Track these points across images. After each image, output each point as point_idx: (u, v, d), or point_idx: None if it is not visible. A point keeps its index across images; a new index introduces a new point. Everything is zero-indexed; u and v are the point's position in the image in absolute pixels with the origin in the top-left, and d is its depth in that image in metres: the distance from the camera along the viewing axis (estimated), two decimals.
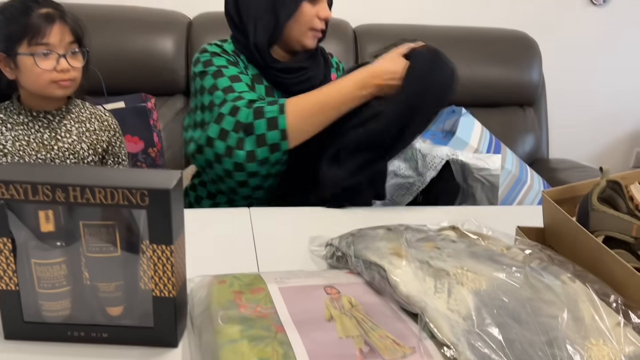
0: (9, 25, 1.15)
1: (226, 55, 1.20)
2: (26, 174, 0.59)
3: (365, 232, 0.83)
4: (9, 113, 1.23)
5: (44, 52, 1.15)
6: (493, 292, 0.68)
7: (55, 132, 1.25)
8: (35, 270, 0.62)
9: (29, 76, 1.17)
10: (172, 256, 0.61)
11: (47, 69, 1.16)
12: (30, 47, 1.15)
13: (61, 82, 1.18)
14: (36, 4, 1.16)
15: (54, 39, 1.16)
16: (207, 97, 1.15)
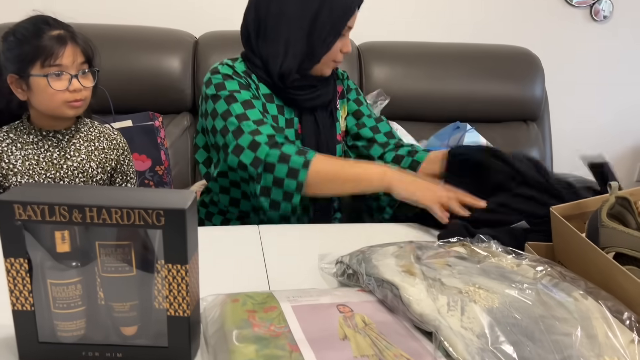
0: (21, 46, 1.17)
1: (238, 78, 1.21)
2: (43, 194, 0.60)
3: (375, 249, 0.83)
4: (19, 132, 1.24)
5: (57, 73, 1.17)
6: (506, 310, 0.68)
7: (65, 151, 1.26)
8: (51, 290, 0.62)
9: (41, 97, 1.18)
10: (187, 275, 0.61)
11: (60, 90, 1.17)
12: (43, 68, 1.16)
13: (73, 103, 1.20)
14: (47, 26, 1.18)
15: (67, 60, 1.17)
16: (220, 122, 1.16)
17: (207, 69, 1.84)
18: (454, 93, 1.98)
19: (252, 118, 1.15)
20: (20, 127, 1.25)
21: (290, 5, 1.18)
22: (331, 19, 1.18)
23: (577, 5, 2.34)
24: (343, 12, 1.18)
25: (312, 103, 1.27)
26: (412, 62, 2.00)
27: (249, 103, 1.17)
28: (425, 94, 1.96)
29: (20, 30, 1.18)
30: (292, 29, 1.18)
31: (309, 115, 1.28)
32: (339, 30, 1.20)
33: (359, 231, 1.14)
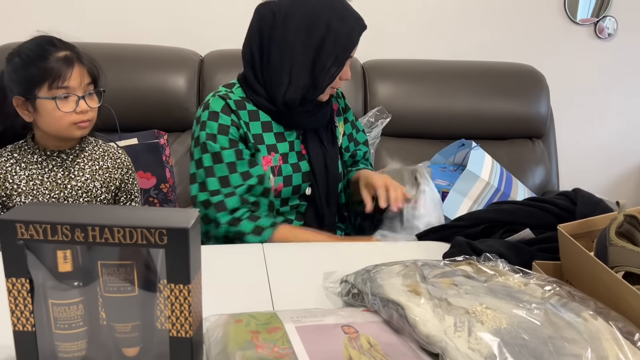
0: (27, 68, 1.16)
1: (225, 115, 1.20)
2: (45, 213, 0.60)
3: (380, 269, 0.82)
4: (23, 152, 1.24)
5: (64, 95, 1.17)
6: (514, 331, 0.67)
7: (69, 170, 1.26)
8: (53, 310, 0.61)
9: (48, 119, 1.18)
10: (190, 295, 0.60)
11: (68, 112, 1.17)
12: (50, 90, 1.16)
13: (80, 124, 1.20)
14: (52, 47, 1.18)
15: (74, 82, 1.17)
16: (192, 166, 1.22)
17: (212, 88, 1.87)
18: (459, 111, 1.98)
19: (217, 175, 1.18)
20: (25, 146, 1.25)
21: (294, 33, 1.17)
22: (335, 49, 1.17)
23: (581, 23, 2.35)
24: (346, 43, 1.18)
25: (315, 124, 1.28)
26: (417, 79, 2.01)
27: (218, 156, 1.18)
28: (430, 111, 1.96)
29: (25, 52, 1.18)
30: (297, 58, 1.17)
31: (313, 134, 1.28)
32: (342, 61, 1.19)
33: (364, 249, 1.13)
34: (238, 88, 1.26)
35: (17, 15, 2.05)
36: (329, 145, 1.29)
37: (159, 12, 2.09)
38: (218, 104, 1.21)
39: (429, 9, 2.23)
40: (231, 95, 1.23)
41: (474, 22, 2.27)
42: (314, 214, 1.29)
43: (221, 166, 1.18)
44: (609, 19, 2.36)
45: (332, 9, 1.16)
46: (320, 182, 1.28)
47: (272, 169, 1.23)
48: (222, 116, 1.20)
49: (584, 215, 1.03)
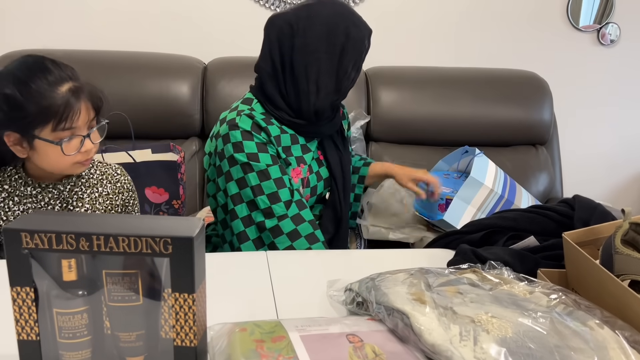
0: (25, 106, 0.99)
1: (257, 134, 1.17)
2: (50, 223, 0.60)
3: (385, 277, 0.82)
4: (14, 184, 1.10)
5: (69, 136, 1.03)
6: (519, 340, 0.67)
7: (67, 202, 1.14)
8: (57, 319, 0.61)
9: (48, 159, 1.05)
10: (194, 305, 0.60)
11: (73, 154, 1.05)
12: (55, 132, 1.02)
13: (84, 162, 1.09)
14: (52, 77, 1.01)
15: (81, 122, 1.04)
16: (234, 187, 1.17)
17: (215, 95, 1.88)
18: (462, 117, 1.98)
19: (266, 192, 1.15)
20: (15, 176, 1.11)
21: (316, 41, 1.16)
22: (354, 54, 1.20)
23: (584, 30, 2.35)
24: (361, 47, 1.21)
25: (331, 130, 1.30)
26: (420, 86, 2.01)
27: (265, 173, 1.16)
28: (433, 118, 1.96)
29: (21, 83, 1.00)
30: (322, 66, 1.17)
31: (328, 140, 1.31)
32: (359, 65, 1.23)
33: (368, 256, 1.13)
34: (257, 104, 1.23)
35: (20, 25, 2.06)
36: (344, 150, 1.32)
37: (162, 20, 2.10)
38: (247, 123, 1.18)
39: (432, 15, 2.24)
40: (254, 114, 1.20)
41: (477, 28, 2.27)
42: (332, 216, 1.29)
43: (269, 183, 1.16)
44: (612, 26, 2.36)
45: (347, 17, 1.19)
46: (340, 185, 1.30)
47: (302, 180, 1.24)
48: (255, 135, 1.17)
49: (583, 220, 1.03)
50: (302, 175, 1.24)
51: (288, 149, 1.23)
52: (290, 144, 1.24)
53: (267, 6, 2.12)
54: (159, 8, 2.08)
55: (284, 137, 1.22)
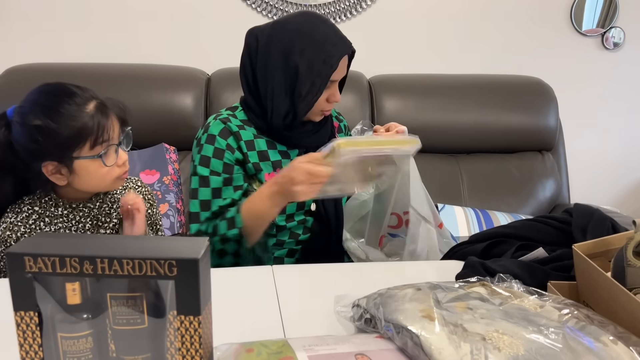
0: (58, 134, 1.02)
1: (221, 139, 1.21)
2: (54, 246, 0.59)
3: (393, 293, 0.81)
4: (44, 206, 1.12)
5: (106, 150, 1.07)
6: (532, 358, 0.65)
7: (97, 219, 1.17)
8: (62, 344, 0.60)
9: (89, 178, 1.08)
10: (200, 327, 0.59)
11: (111, 165, 1.08)
12: (94, 148, 1.05)
13: (123, 176, 1.12)
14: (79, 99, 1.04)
15: (114, 133, 1.08)
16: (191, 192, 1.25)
17: (219, 105, 1.88)
18: (467, 124, 1.97)
19: (200, 197, 1.21)
20: (45, 198, 1.13)
21: (273, 60, 1.18)
22: (311, 76, 1.17)
23: (588, 34, 2.34)
24: (323, 69, 1.17)
25: (315, 142, 1.28)
26: (424, 94, 2.00)
27: (205, 180, 1.21)
28: (438, 126, 1.95)
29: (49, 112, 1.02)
30: (276, 86, 1.18)
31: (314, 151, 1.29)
32: (319, 88, 1.18)
33: (374, 270, 1.11)
34: (240, 111, 1.29)
35: (24, 38, 2.06)
36: None
37: (165, 31, 2.11)
38: (217, 127, 1.24)
39: (434, 23, 2.23)
40: (232, 119, 1.25)
41: (480, 35, 2.27)
42: (319, 228, 1.28)
43: (206, 190, 1.21)
44: (616, 30, 2.35)
45: (308, 36, 1.16)
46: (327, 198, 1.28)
47: None
48: (219, 140, 1.22)
49: (580, 226, 1.02)
50: None
51: (263, 153, 1.25)
52: (267, 148, 1.25)
53: (269, 16, 2.12)
54: (162, 19, 2.09)
55: (259, 142, 1.25)
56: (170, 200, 1.69)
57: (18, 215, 1.11)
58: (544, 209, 1.95)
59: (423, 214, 1.20)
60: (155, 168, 1.73)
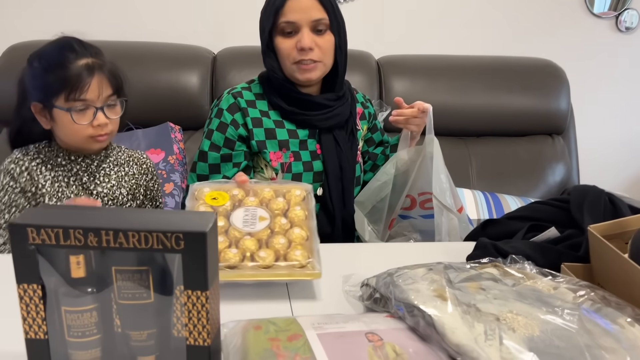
0: (46, 75, 1.10)
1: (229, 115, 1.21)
2: (57, 217, 0.57)
3: (403, 272, 0.79)
4: (47, 154, 1.20)
5: (81, 107, 1.10)
6: (547, 339, 0.64)
7: (94, 176, 1.21)
8: (66, 318, 0.59)
9: (65, 130, 1.13)
10: (208, 302, 0.58)
11: (84, 124, 1.11)
12: (67, 102, 1.09)
13: (98, 137, 1.14)
14: (73, 53, 1.11)
15: (92, 94, 1.10)
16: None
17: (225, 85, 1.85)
18: (477, 107, 1.94)
19: (197, 171, 1.23)
20: (48, 148, 1.20)
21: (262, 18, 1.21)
22: (264, 22, 1.19)
23: (601, 16, 2.29)
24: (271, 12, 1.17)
25: (328, 123, 1.26)
26: (433, 75, 1.96)
27: (203, 155, 1.23)
28: (447, 108, 1.92)
29: (45, 57, 1.12)
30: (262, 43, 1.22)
31: (327, 134, 1.26)
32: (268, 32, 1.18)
33: (382, 250, 1.10)
34: (257, 84, 1.28)
35: (29, 14, 2.04)
36: (346, 146, 1.27)
37: (170, 9, 2.07)
38: (227, 101, 1.24)
39: (444, 3, 2.19)
40: (245, 93, 1.25)
41: (491, 16, 2.22)
42: (325, 215, 1.26)
43: (204, 165, 1.23)
44: (629, 12, 2.30)
45: None
46: (333, 183, 1.25)
47: (281, 165, 1.23)
48: (225, 114, 1.23)
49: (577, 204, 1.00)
50: (283, 160, 1.23)
51: (271, 131, 1.23)
52: (274, 127, 1.24)
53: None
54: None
55: (266, 121, 1.24)
56: (176, 179, 1.68)
57: (24, 156, 1.19)
58: (554, 194, 1.92)
59: (446, 203, 1.18)
60: (160, 147, 1.73)
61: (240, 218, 0.92)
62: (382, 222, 1.28)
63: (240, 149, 1.23)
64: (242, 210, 0.94)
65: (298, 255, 0.85)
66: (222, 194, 0.96)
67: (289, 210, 0.95)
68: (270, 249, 0.86)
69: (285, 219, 0.93)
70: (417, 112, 1.23)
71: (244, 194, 0.97)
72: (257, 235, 0.89)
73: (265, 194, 0.97)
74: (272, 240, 0.88)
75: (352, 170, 1.29)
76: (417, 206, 1.29)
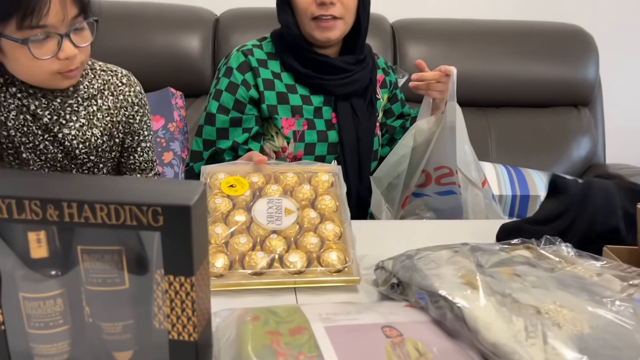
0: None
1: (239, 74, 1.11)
2: (9, 185, 0.47)
3: (425, 254, 0.69)
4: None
5: (41, 37, 0.84)
6: (600, 337, 0.53)
7: (58, 114, 0.97)
8: (25, 306, 0.50)
9: (19, 67, 0.89)
10: (193, 290, 0.48)
11: (47, 59, 0.86)
12: (21, 30, 0.83)
13: (67, 73, 0.90)
14: None
15: (54, 18, 0.84)
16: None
17: (228, 49, 1.73)
18: (498, 75, 1.82)
19: (203, 136, 1.13)
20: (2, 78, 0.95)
21: None
22: None
23: None
24: None
25: (346, 89, 1.15)
26: (452, 41, 1.84)
27: (211, 118, 1.12)
28: (466, 76, 1.77)
29: None
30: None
31: (344, 103, 1.15)
32: None
33: (398, 229, 1.00)
34: (269, 42, 1.17)
35: None
36: (364, 116, 1.16)
37: None
38: (237, 60, 1.13)
39: None
40: (256, 52, 1.14)
41: None
42: None
43: (210, 129, 1.12)
44: None
45: None
46: (349, 155, 1.15)
47: (294, 133, 1.12)
48: (236, 73, 1.12)
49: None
50: (295, 128, 1.13)
51: (283, 95, 1.13)
52: (287, 91, 1.13)
53: None
54: None
55: (278, 84, 1.13)
56: (175, 148, 1.58)
57: None
58: (578, 169, 1.81)
59: (471, 177, 1.07)
60: (159, 114, 1.63)
61: (264, 211, 0.81)
62: (396, 200, 1.17)
63: (251, 112, 1.12)
64: (265, 202, 0.82)
65: (334, 259, 0.74)
66: (240, 180, 0.85)
67: (317, 201, 0.84)
68: (301, 251, 0.76)
69: (315, 211, 0.82)
70: (439, 76, 1.11)
71: (264, 181, 0.86)
72: (284, 232, 0.78)
73: (288, 180, 0.86)
74: (303, 239, 0.77)
75: (370, 143, 1.19)
76: (433, 182, 1.18)
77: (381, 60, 1.30)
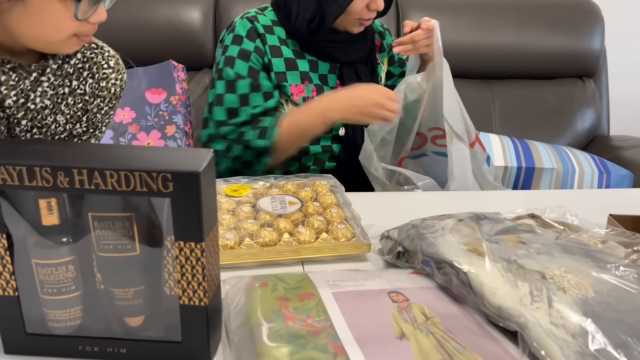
0: None
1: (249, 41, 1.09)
2: (20, 153, 0.48)
3: (430, 223, 0.69)
4: None
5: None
6: (604, 301, 0.54)
7: (26, 96, 0.78)
8: (37, 272, 0.50)
9: (38, 22, 0.70)
10: (203, 256, 0.48)
11: (84, 19, 0.71)
12: None
13: (83, 37, 0.75)
14: None
15: None
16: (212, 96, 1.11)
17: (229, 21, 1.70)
18: (501, 46, 1.79)
19: (226, 105, 1.08)
20: None
21: None
22: None
23: None
24: None
25: (350, 57, 1.15)
26: (456, 12, 1.81)
27: (231, 85, 1.08)
28: (469, 47, 1.77)
29: None
30: None
31: (349, 69, 1.16)
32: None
33: (403, 199, 1.00)
34: (270, 11, 1.16)
35: None
36: (368, 82, 1.15)
37: None
38: (244, 26, 1.11)
39: None
40: (260, 18, 1.13)
41: None
42: (348, 156, 1.16)
43: (232, 97, 1.09)
44: None
45: None
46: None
47: (303, 99, 1.12)
48: (246, 41, 1.10)
49: None
50: (305, 94, 1.12)
51: (291, 61, 1.12)
52: (294, 57, 1.12)
53: None
54: None
55: (285, 50, 1.12)
56: (178, 122, 1.57)
57: None
58: (582, 141, 1.80)
59: (457, 130, 1.06)
60: (162, 87, 1.61)
61: (269, 204, 0.81)
62: (388, 157, 1.17)
63: (266, 79, 1.11)
64: (269, 198, 0.83)
65: (342, 228, 0.74)
66: (243, 186, 0.86)
67: (319, 196, 0.84)
68: (309, 227, 0.76)
69: (317, 202, 0.82)
70: (423, 34, 1.10)
71: (265, 189, 0.87)
72: (290, 217, 0.78)
73: (289, 187, 0.87)
74: (309, 220, 0.77)
75: None
76: (429, 142, 1.18)
77: (377, 23, 1.28)
